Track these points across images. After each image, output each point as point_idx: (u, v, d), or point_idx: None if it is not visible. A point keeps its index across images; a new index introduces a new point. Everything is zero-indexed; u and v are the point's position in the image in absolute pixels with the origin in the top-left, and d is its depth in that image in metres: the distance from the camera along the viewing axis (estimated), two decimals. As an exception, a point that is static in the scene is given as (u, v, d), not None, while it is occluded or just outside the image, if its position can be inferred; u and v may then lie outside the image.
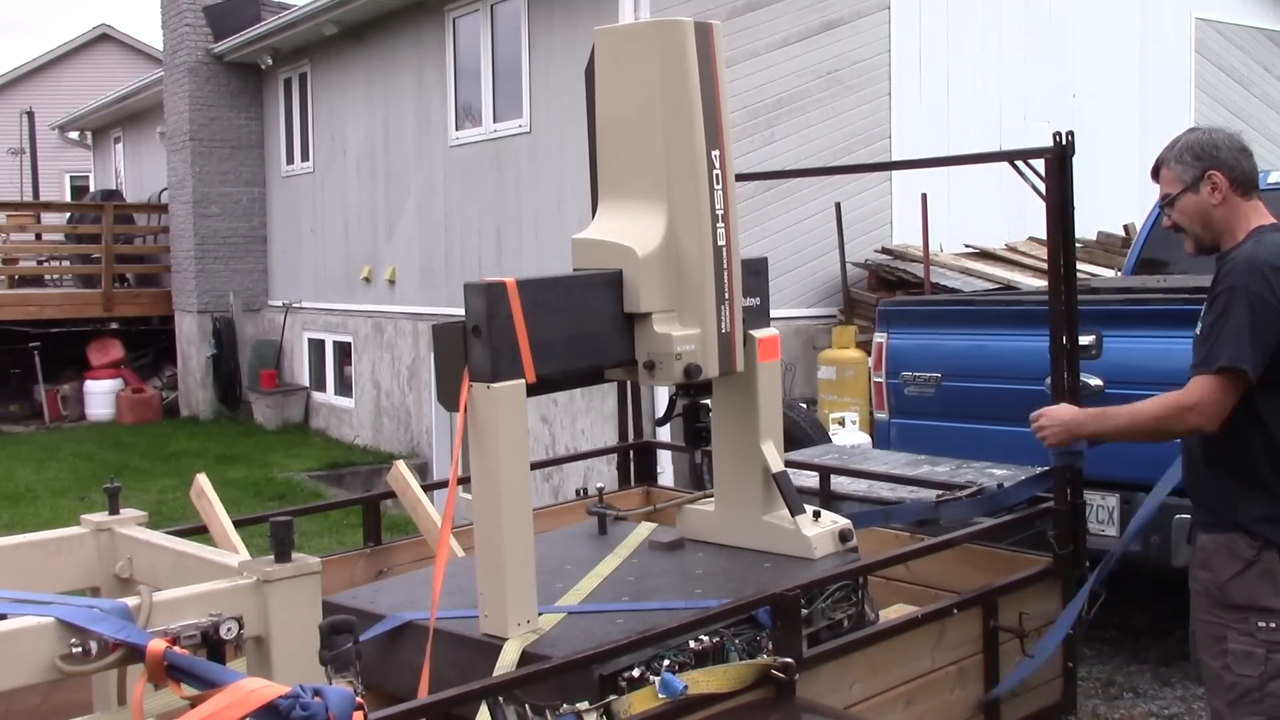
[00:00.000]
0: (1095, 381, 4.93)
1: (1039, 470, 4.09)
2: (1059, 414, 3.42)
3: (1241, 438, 3.16)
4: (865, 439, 7.58)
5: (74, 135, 23.73)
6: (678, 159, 3.04)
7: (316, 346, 14.51)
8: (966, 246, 10.25)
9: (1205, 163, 3.21)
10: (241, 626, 2.24)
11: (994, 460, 5.20)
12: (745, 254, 3.22)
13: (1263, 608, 3.13)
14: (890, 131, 10.34)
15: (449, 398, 2.81)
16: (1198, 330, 3.23)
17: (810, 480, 4.59)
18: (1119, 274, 7.92)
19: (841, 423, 8.10)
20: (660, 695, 2.54)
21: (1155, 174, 3.35)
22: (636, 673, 2.60)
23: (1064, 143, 3.49)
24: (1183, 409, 3.10)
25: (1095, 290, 6.08)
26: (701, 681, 2.60)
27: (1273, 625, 3.12)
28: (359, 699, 1.95)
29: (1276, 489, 3.15)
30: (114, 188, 20.81)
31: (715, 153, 3.07)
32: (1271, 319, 3.02)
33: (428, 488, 4.02)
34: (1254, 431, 3.13)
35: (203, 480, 3.67)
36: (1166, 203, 3.31)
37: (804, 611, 2.93)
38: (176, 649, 2.08)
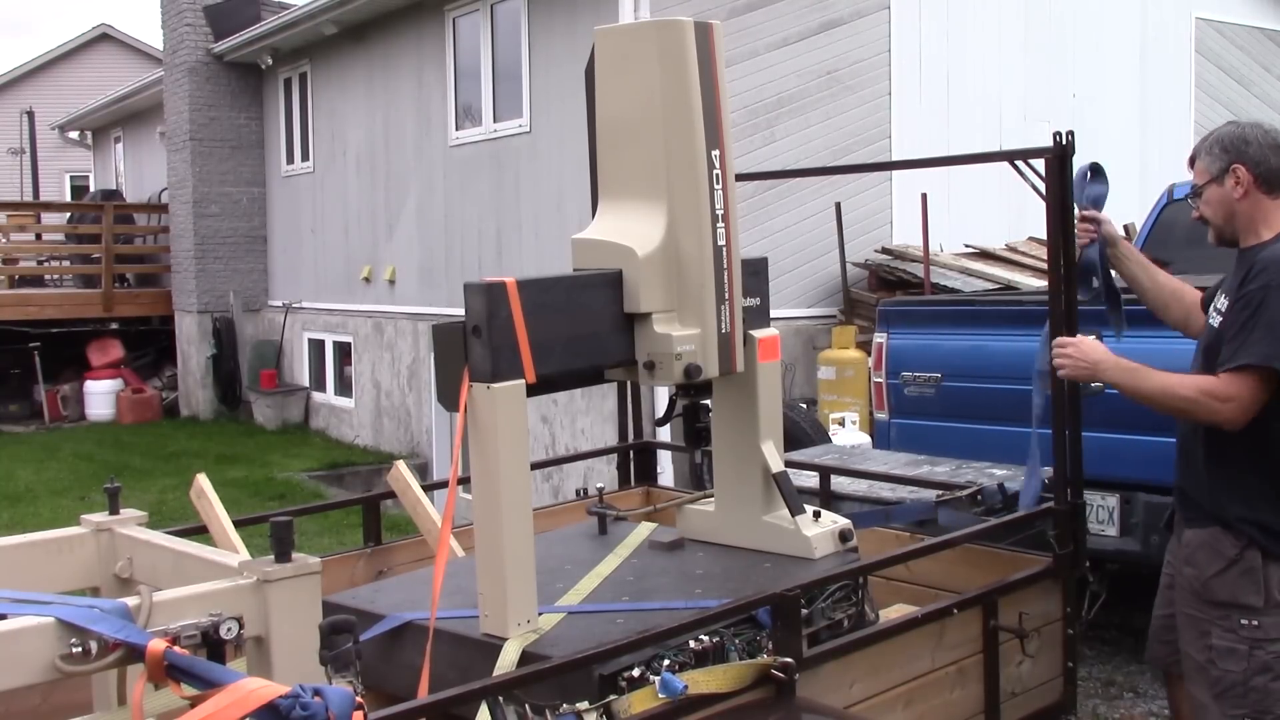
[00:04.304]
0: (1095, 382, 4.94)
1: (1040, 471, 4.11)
2: (1091, 350, 3.31)
3: (1247, 437, 3.16)
4: (865, 439, 7.58)
5: (74, 135, 23.74)
6: (678, 159, 3.04)
7: (316, 346, 14.51)
8: (966, 246, 10.25)
9: (1231, 156, 3.24)
10: (241, 626, 2.24)
11: (994, 460, 5.20)
12: (745, 254, 3.22)
13: (1245, 605, 3.18)
14: (890, 131, 10.35)
15: (449, 398, 2.81)
16: (1215, 321, 3.25)
17: (810, 480, 4.59)
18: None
19: (841, 423, 8.10)
20: (660, 695, 2.54)
21: (1191, 165, 3.37)
22: (636, 672, 2.60)
23: (1064, 143, 3.49)
24: (1217, 400, 3.08)
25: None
26: (701, 681, 2.60)
27: (1254, 623, 3.17)
28: (359, 699, 1.94)
29: (1269, 492, 3.17)
30: (114, 188, 20.81)
31: (715, 153, 3.07)
32: None
33: (428, 488, 4.02)
34: (1261, 431, 3.14)
35: (203, 480, 3.67)
36: (1195, 194, 3.35)
37: (804, 611, 2.92)
38: (176, 649, 2.07)
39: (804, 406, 8.47)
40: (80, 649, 2.11)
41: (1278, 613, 3.19)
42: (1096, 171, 3.68)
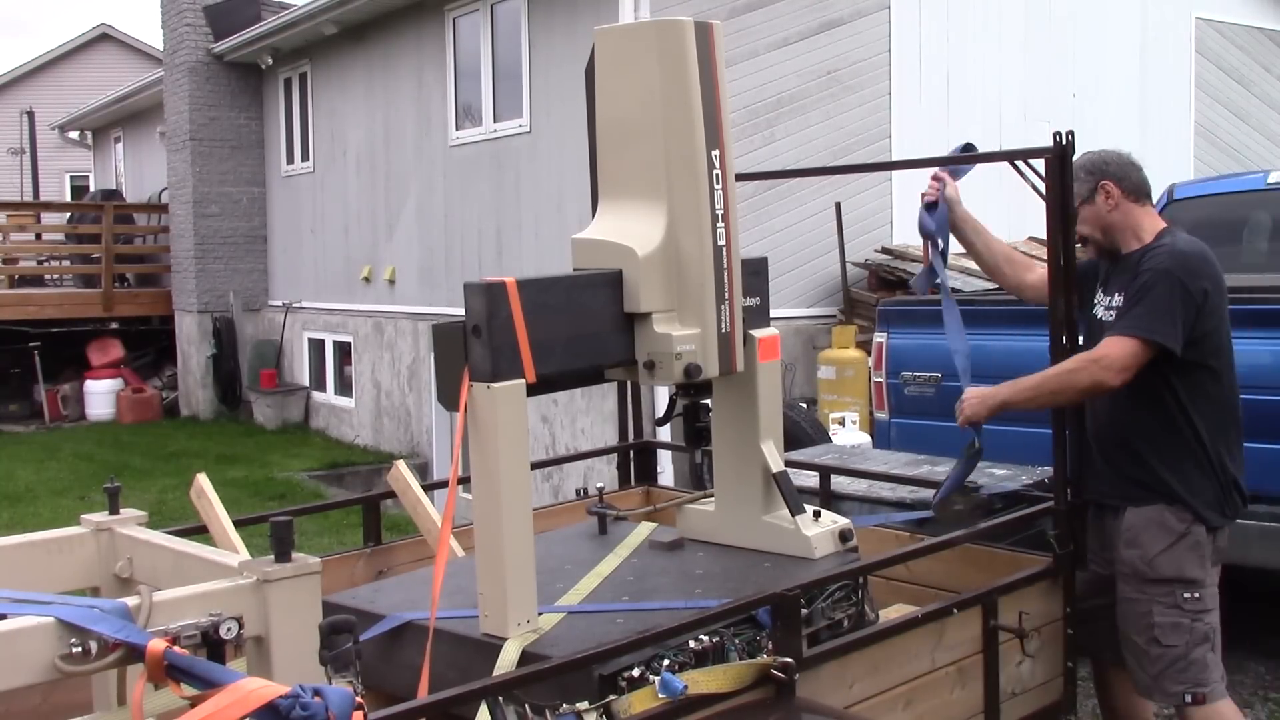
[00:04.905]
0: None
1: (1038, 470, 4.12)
2: (973, 390, 3.67)
3: (1168, 416, 3.44)
4: (865, 439, 7.58)
5: (74, 135, 23.74)
6: (678, 159, 3.04)
7: (316, 346, 14.51)
8: (966, 246, 10.24)
9: (1097, 176, 3.59)
10: (241, 626, 2.24)
11: (994, 460, 5.20)
12: (745, 254, 3.22)
13: (1188, 579, 3.41)
14: (890, 131, 10.34)
15: (449, 398, 2.81)
16: (1109, 316, 3.53)
17: (810, 480, 4.59)
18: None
19: (841, 423, 8.10)
20: (660, 695, 2.54)
21: None
22: (636, 673, 2.60)
23: (1064, 143, 3.50)
24: (1089, 361, 3.40)
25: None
26: (701, 681, 2.60)
27: (1196, 595, 3.41)
28: (359, 699, 1.94)
29: (1204, 463, 3.43)
30: (114, 188, 20.81)
31: (715, 153, 3.06)
32: (1189, 302, 3.36)
33: (428, 488, 4.02)
34: (1176, 413, 3.43)
35: (203, 480, 3.66)
36: None
37: (804, 611, 2.92)
38: (176, 649, 2.07)
39: (804, 406, 8.47)
40: (80, 649, 2.10)
41: (1212, 582, 3.46)
42: (968, 147, 4.02)
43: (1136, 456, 3.49)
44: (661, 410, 3.62)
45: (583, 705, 2.48)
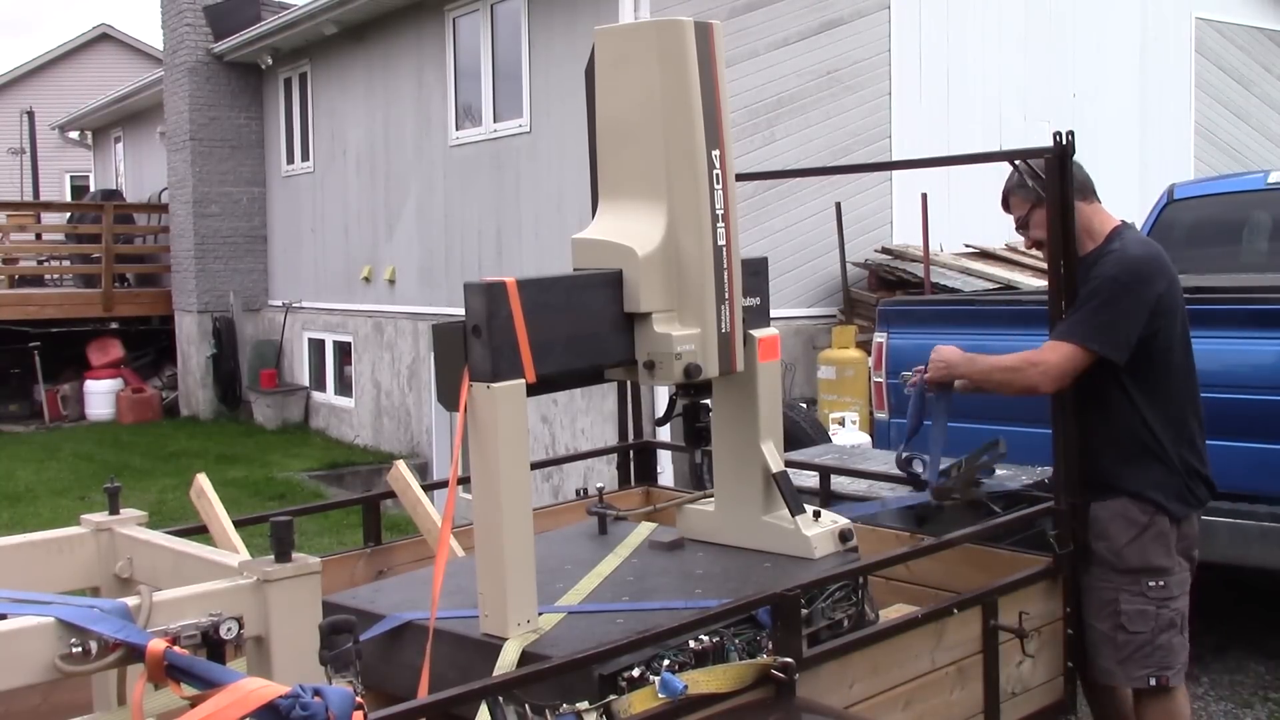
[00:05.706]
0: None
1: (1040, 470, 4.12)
2: (946, 353, 3.71)
3: (1123, 415, 3.51)
4: (865, 439, 7.58)
5: (74, 135, 23.75)
6: (678, 159, 3.04)
7: (316, 346, 14.52)
8: (966, 246, 10.25)
9: (1043, 180, 3.56)
10: (241, 626, 2.24)
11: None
12: (745, 254, 3.22)
13: (1155, 568, 3.51)
14: (890, 131, 10.35)
15: (449, 398, 2.81)
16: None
17: (810, 480, 4.59)
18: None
19: (841, 423, 8.10)
20: (660, 695, 2.54)
21: (1005, 205, 3.72)
22: (636, 672, 2.60)
23: (1064, 143, 3.49)
24: (1029, 363, 3.47)
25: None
26: (701, 681, 2.60)
27: (1161, 583, 3.51)
28: (359, 699, 1.94)
29: (1163, 457, 3.51)
30: (114, 188, 20.82)
31: (715, 153, 3.06)
32: (1140, 310, 3.41)
33: (428, 488, 4.01)
34: (1130, 410, 3.49)
35: (203, 480, 3.66)
36: (1021, 224, 3.69)
37: (804, 611, 2.92)
38: (176, 649, 2.07)
39: (804, 406, 8.48)
40: (80, 649, 2.10)
41: (1179, 570, 3.55)
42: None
43: (1096, 455, 3.57)
44: (661, 410, 3.62)
45: (583, 705, 2.48)
